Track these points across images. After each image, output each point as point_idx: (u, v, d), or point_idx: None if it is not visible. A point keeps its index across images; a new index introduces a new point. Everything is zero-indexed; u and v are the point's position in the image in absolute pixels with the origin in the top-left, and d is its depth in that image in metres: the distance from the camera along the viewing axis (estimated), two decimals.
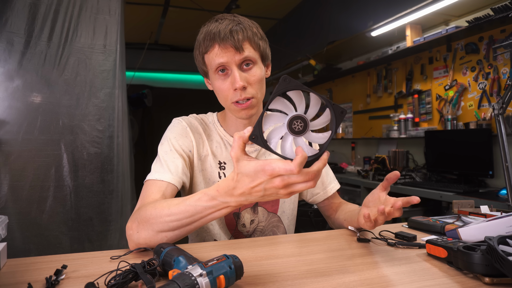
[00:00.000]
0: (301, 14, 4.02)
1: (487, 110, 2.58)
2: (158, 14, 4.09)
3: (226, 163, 1.01)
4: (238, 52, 0.87)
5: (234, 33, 0.87)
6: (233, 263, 0.57)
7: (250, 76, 0.90)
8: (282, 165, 0.56)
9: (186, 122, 1.00)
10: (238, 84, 0.86)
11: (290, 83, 0.57)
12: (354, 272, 0.68)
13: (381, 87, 3.63)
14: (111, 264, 0.72)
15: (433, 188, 2.42)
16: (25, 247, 1.58)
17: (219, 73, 0.90)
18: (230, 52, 0.87)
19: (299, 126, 0.58)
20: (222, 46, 0.87)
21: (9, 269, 0.69)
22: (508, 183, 1.27)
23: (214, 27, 0.88)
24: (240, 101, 0.90)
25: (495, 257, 0.57)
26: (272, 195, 0.62)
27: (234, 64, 0.88)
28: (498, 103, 1.31)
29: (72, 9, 1.71)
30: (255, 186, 0.60)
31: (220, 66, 0.89)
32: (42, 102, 1.66)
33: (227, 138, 1.02)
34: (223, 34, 0.86)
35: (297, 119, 0.58)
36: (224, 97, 0.92)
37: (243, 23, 0.90)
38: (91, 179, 1.73)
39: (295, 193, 0.62)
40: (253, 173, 0.59)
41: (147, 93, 4.23)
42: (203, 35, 0.90)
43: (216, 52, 0.88)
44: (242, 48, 0.87)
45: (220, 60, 0.87)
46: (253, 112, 0.93)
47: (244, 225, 1.01)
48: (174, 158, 0.93)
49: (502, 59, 2.47)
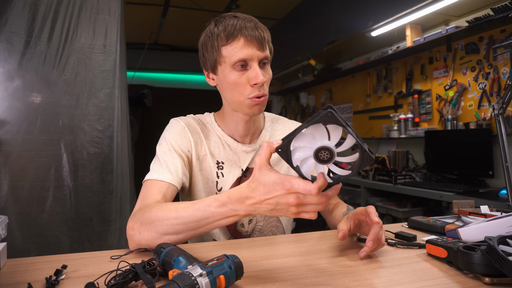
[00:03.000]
0: (301, 14, 4.02)
1: (487, 110, 2.57)
2: (158, 14, 4.09)
3: (224, 163, 1.00)
4: (262, 49, 0.88)
5: (259, 30, 0.88)
6: (233, 263, 0.57)
7: (266, 73, 0.92)
8: (303, 184, 0.58)
9: (184, 122, 1.00)
10: (261, 79, 0.87)
11: (333, 118, 0.57)
12: (354, 272, 0.68)
13: (381, 87, 3.63)
14: (111, 264, 0.72)
15: (433, 188, 2.41)
16: (25, 247, 1.58)
17: (238, 67, 0.89)
18: (255, 47, 0.87)
19: (325, 156, 0.60)
20: (248, 40, 0.87)
21: (9, 269, 0.69)
22: (508, 183, 1.27)
23: (237, 21, 0.88)
24: (257, 97, 0.91)
25: (495, 257, 0.57)
26: (281, 211, 0.63)
27: (256, 60, 0.89)
28: (498, 103, 1.31)
29: (72, 9, 1.71)
30: (269, 198, 0.61)
31: (241, 61, 0.88)
32: (42, 102, 1.66)
33: (225, 138, 1.02)
34: (249, 28, 0.87)
35: (326, 150, 0.59)
36: (240, 91, 0.91)
37: (261, 25, 0.92)
38: (91, 179, 1.73)
39: (302, 215, 0.63)
40: (271, 184, 0.60)
41: (147, 93, 4.23)
42: (222, 27, 0.89)
43: (241, 45, 0.87)
44: (265, 47, 0.89)
45: (244, 54, 0.87)
46: (263, 109, 0.95)
47: (242, 225, 1.01)
48: (173, 158, 0.93)
49: (502, 59, 2.47)
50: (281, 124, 1.12)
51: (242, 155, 1.01)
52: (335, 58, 4.18)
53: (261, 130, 1.06)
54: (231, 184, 0.99)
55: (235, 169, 1.00)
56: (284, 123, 1.12)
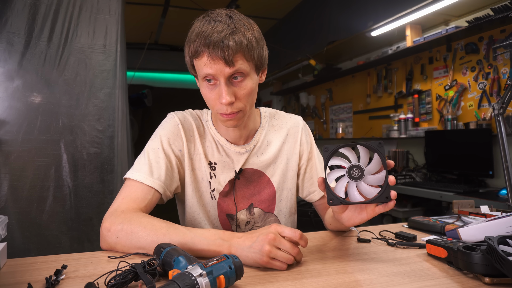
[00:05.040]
0: (301, 14, 4.02)
1: (487, 110, 2.58)
2: (158, 14, 4.09)
3: (216, 164, 0.98)
4: (228, 66, 0.80)
5: (225, 45, 0.78)
6: (233, 263, 0.57)
7: (239, 89, 0.84)
8: (290, 229, 0.71)
9: (179, 118, 0.97)
10: (224, 100, 0.81)
11: (329, 149, 0.70)
12: (354, 272, 0.68)
13: (381, 87, 3.63)
14: (111, 264, 0.72)
15: (433, 188, 2.41)
16: (25, 246, 1.58)
17: (207, 82, 0.84)
18: (219, 64, 0.80)
19: (356, 173, 0.68)
20: (211, 57, 0.79)
21: (9, 269, 0.69)
22: (508, 183, 1.27)
23: (207, 29, 0.80)
24: (226, 113, 0.86)
25: (495, 257, 0.57)
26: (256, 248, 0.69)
27: (223, 77, 0.81)
28: (498, 103, 1.31)
29: (72, 9, 1.71)
30: (253, 234, 0.73)
31: (207, 76, 0.83)
32: (42, 102, 1.66)
33: (217, 138, 0.99)
34: (214, 42, 0.78)
35: (355, 167, 0.68)
36: (211, 106, 0.88)
37: (238, 29, 0.81)
38: (91, 179, 1.73)
39: (272, 262, 0.69)
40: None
41: (147, 93, 4.22)
42: (194, 35, 0.83)
43: (205, 62, 0.81)
44: (233, 62, 0.80)
45: (208, 71, 0.81)
46: (240, 123, 0.90)
47: (239, 226, 1.00)
48: (160, 158, 0.91)
49: (502, 59, 2.47)
50: (277, 119, 1.08)
51: (235, 156, 0.99)
52: (335, 58, 4.18)
53: (257, 129, 1.02)
54: (223, 186, 0.98)
55: (228, 171, 0.98)
56: (281, 118, 1.08)
